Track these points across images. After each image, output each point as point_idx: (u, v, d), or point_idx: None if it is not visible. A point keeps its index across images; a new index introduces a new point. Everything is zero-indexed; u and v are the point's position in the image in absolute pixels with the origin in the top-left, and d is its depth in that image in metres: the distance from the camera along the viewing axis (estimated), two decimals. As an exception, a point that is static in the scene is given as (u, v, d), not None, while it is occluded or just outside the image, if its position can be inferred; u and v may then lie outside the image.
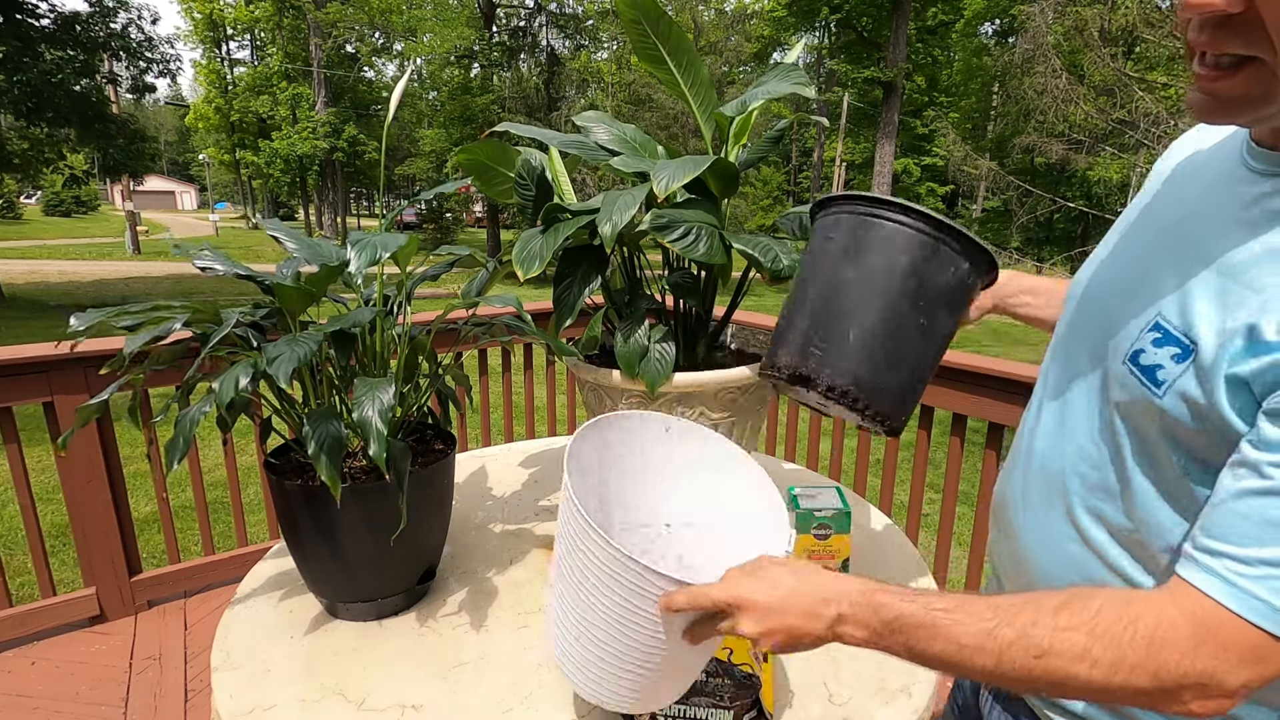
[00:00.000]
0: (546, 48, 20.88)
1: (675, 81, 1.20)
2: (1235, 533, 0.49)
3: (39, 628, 2.02)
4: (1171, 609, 0.50)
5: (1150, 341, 0.56)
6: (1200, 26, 0.50)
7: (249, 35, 29.13)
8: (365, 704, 0.82)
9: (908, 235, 0.79)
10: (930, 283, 0.79)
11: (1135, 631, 0.49)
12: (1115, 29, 8.02)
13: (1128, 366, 0.58)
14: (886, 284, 0.79)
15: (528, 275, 1.03)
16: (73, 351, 1.87)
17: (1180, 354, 0.54)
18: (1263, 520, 0.47)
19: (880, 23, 18.10)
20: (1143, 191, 0.73)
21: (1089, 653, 0.49)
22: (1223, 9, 0.47)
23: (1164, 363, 0.55)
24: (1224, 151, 0.62)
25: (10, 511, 3.85)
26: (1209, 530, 0.51)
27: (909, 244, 0.79)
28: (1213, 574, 0.49)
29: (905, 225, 0.79)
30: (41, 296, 12.56)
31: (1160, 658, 0.48)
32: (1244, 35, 0.48)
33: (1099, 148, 9.89)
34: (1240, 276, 0.52)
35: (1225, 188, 0.58)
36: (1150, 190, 0.71)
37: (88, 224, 34.14)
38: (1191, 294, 0.55)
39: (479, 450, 1.62)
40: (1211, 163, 0.63)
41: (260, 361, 0.81)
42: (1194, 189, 0.63)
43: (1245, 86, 0.49)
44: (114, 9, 12.71)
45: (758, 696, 0.78)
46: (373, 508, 0.92)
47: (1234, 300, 0.52)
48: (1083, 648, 0.49)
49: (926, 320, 0.80)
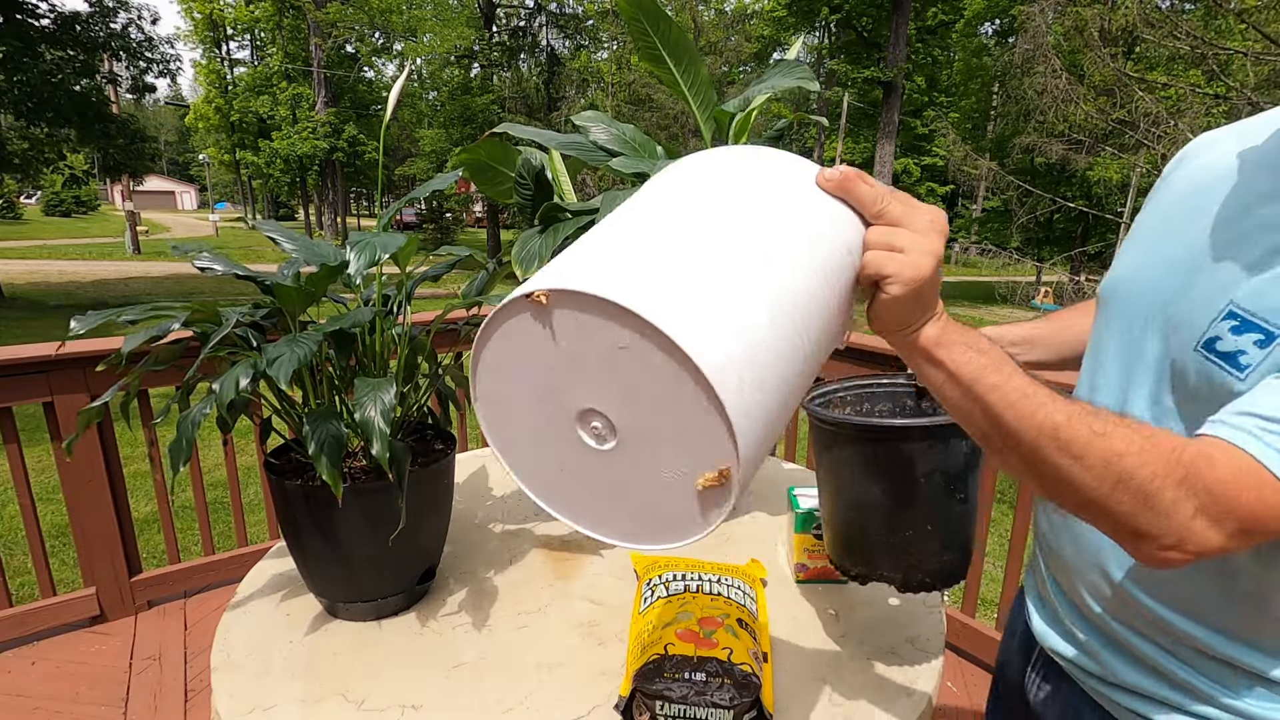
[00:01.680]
0: (546, 48, 20.89)
1: (675, 81, 1.20)
2: (1264, 404, 0.53)
3: (39, 628, 2.02)
4: (1214, 451, 0.52)
5: (1228, 330, 0.58)
6: None
7: (249, 35, 29.14)
8: (365, 704, 0.82)
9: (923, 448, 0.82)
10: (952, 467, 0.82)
11: (1183, 451, 0.52)
12: (1115, 29, 8.01)
13: (1200, 354, 0.60)
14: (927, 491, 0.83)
15: (527, 275, 1.03)
16: (72, 352, 1.87)
17: (1264, 339, 0.55)
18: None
19: (880, 23, 18.12)
20: (1162, 196, 0.75)
21: (1143, 450, 0.52)
22: None
23: (1246, 348, 0.56)
24: (1271, 150, 0.64)
25: (10, 511, 3.85)
26: (1237, 405, 0.54)
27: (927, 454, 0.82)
28: (1241, 430, 0.52)
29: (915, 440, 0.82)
30: (42, 296, 12.57)
31: (1195, 470, 0.51)
32: None
33: (1099, 148, 9.89)
34: None
35: (1273, 181, 0.61)
36: (1180, 192, 0.72)
37: (88, 224, 34.13)
38: (1267, 282, 0.57)
39: (479, 450, 1.62)
40: (1262, 161, 0.64)
41: (260, 362, 0.81)
42: (1247, 184, 0.64)
43: None
44: (114, 9, 12.72)
45: (758, 696, 0.78)
46: (373, 508, 0.92)
47: None
48: (1139, 445, 0.52)
49: (964, 494, 0.84)
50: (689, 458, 0.47)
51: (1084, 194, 17.98)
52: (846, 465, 0.86)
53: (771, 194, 0.54)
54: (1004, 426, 0.54)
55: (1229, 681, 0.63)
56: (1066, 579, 0.76)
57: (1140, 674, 0.68)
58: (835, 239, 0.53)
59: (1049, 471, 0.54)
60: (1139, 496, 0.51)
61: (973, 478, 0.84)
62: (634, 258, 0.47)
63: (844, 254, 0.53)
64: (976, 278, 22.01)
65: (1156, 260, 0.70)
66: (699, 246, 0.48)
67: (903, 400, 0.98)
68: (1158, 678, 0.67)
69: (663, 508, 0.51)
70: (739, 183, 0.54)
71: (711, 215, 0.51)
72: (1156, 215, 0.74)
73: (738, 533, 1.26)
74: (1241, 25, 7.21)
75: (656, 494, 0.50)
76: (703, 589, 0.94)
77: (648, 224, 0.51)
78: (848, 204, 0.55)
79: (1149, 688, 0.67)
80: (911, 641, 0.94)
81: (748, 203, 0.52)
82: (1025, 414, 0.53)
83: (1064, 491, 0.54)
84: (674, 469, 0.48)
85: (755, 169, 0.56)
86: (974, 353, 0.55)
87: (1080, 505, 0.54)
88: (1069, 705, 0.75)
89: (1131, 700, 0.69)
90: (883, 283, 0.53)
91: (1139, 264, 0.72)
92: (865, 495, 0.85)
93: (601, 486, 0.53)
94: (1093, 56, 7.89)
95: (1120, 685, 0.69)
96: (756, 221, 0.51)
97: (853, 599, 1.04)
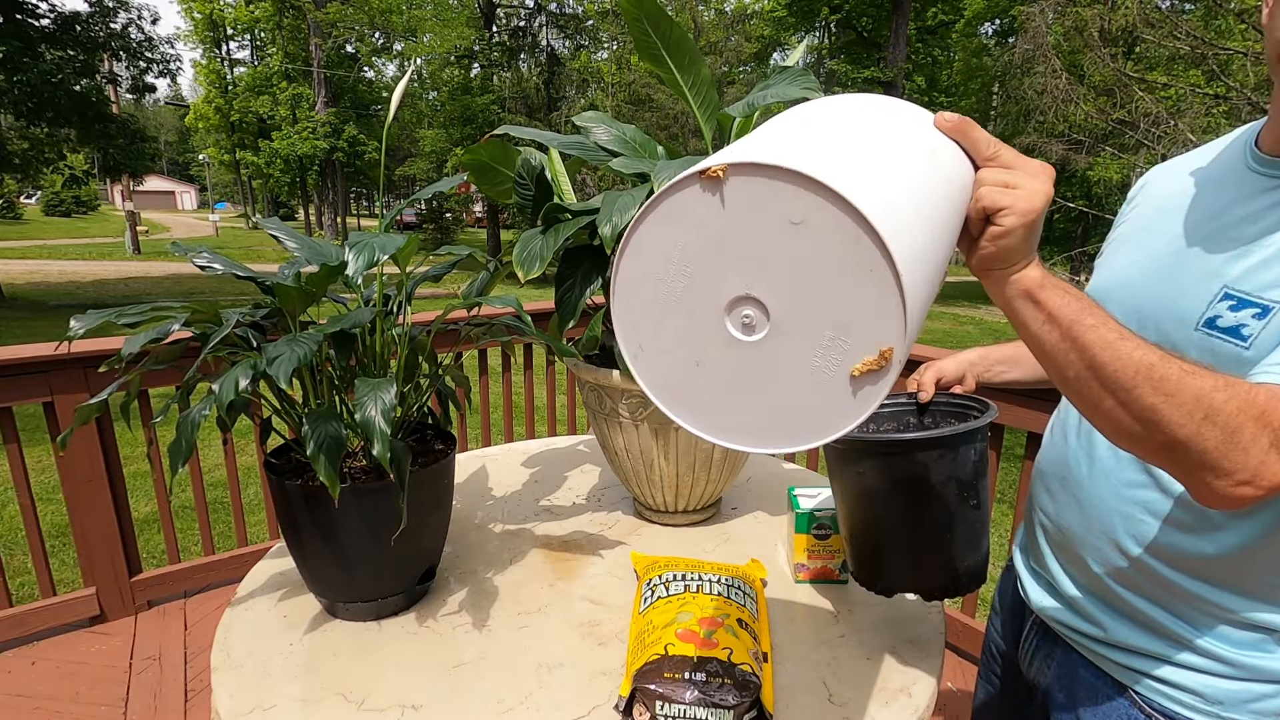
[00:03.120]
0: (546, 48, 20.89)
1: (676, 81, 1.20)
2: None
3: (39, 628, 2.02)
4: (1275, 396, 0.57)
5: (1226, 309, 0.66)
6: None
7: (249, 35, 29.12)
8: (365, 704, 0.82)
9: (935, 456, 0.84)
10: (963, 475, 0.84)
11: (1257, 392, 0.56)
12: (1115, 29, 8.00)
13: (1203, 332, 0.67)
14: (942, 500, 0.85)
15: (528, 276, 1.03)
16: (72, 352, 1.88)
17: (1260, 312, 0.63)
18: None
19: (880, 23, 18.11)
20: (1133, 213, 0.85)
21: (1227, 387, 0.56)
22: None
23: (1246, 321, 0.64)
24: (1226, 165, 0.75)
25: (10, 511, 3.85)
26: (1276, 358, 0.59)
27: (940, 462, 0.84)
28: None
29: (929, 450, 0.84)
30: (42, 296, 12.56)
31: (1271, 408, 0.55)
32: None
33: (1099, 148, 9.88)
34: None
35: (1235, 189, 0.72)
36: (1148, 210, 0.82)
37: (88, 224, 34.12)
38: (1255, 266, 0.65)
39: (479, 450, 1.62)
40: (1221, 173, 0.75)
41: (260, 362, 0.81)
42: (1212, 194, 0.75)
43: None
44: (114, 9, 12.72)
45: (758, 696, 0.78)
46: (373, 508, 0.92)
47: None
48: (1223, 383, 0.56)
49: (976, 500, 0.86)
50: (851, 340, 0.47)
51: (1084, 194, 17.97)
52: (861, 481, 0.88)
53: (905, 118, 0.59)
54: (1101, 366, 0.57)
55: (1212, 628, 0.70)
56: (1069, 550, 0.82)
57: (1133, 630, 0.75)
58: (957, 165, 0.58)
59: (1142, 411, 0.56)
60: (1225, 432, 0.54)
61: (983, 483, 0.86)
62: (800, 147, 0.49)
63: (960, 184, 0.57)
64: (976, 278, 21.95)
65: (1145, 263, 0.78)
66: (855, 145, 0.51)
67: (905, 419, 1.00)
68: (1149, 632, 0.74)
69: (806, 401, 0.50)
70: (876, 110, 0.59)
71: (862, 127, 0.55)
72: (1132, 227, 0.83)
73: (738, 533, 1.26)
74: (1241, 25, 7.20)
75: (802, 386, 0.50)
76: (703, 589, 0.94)
77: (801, 131, 0.53)
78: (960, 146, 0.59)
79: (1141, 644, 0.74)
80: (911, 641, 0.94)
81: (889, 122, 0.57)
82: (1124, 353, 0.56)
83: (1153, 430, 0.57)
84: (829, 355, 0.48)
85: (884, 104, 0.60)
86: (1071, 297, 0.59)
87: (1165, 445, 0.57)
88: (1064, 667, 0.82)
89: (1126, 657, 0.76)
90: (997, 215, 0.57)
91: (1128, 268, 0.80)
92: (883, 510, 0.87)
93: (739, 382, 0.52)
94: (1093, 56, 7.88)
95: (1115, 644, 0.76)
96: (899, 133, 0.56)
97: (853, 599, 1.05)
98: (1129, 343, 0.57)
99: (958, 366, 1.01)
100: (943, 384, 1.00)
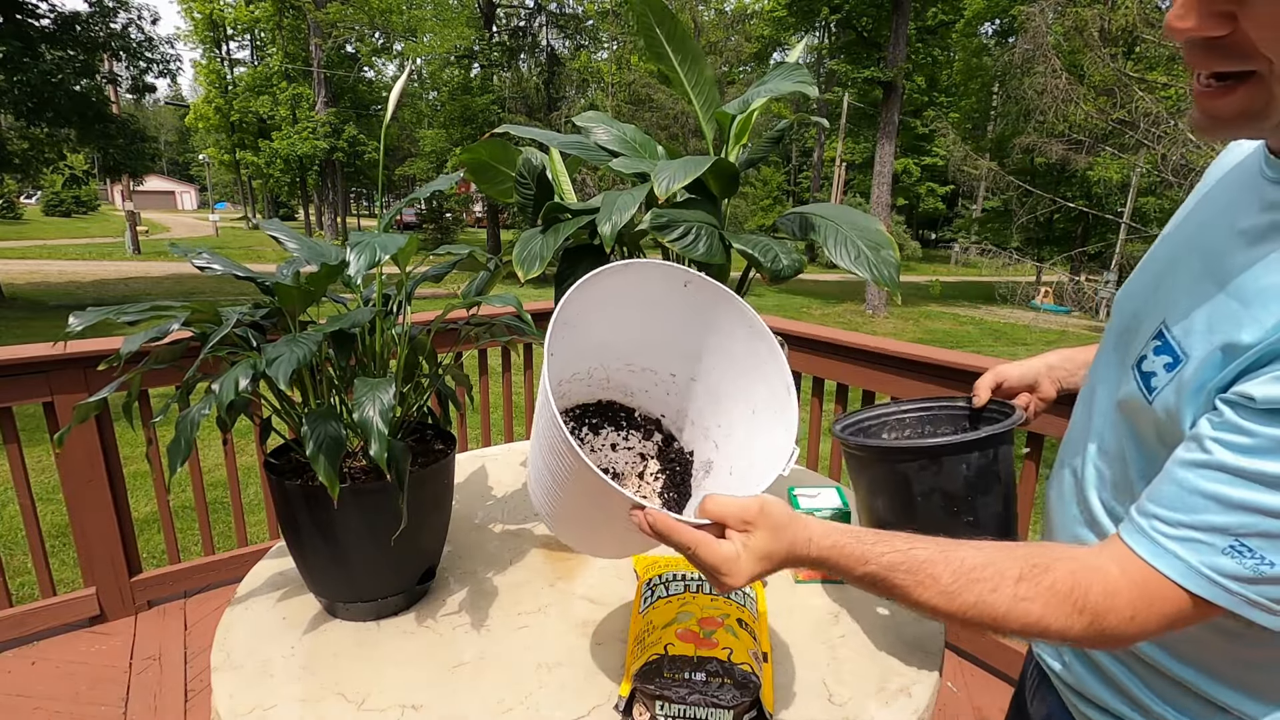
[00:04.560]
0: (546, 48, 20.90)
1: (679, 79, 1.20)
2: (1167, 498, 0.53)
3: (39, 628, 2.02)
4: (1114, 571, 0.54)
5: (1153, 349, 0.58)
6: (1190, 47, 0.50)
7: (249, 35, 29.14)
8: (365, 704, 0.82)
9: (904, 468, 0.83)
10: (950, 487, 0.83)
11: (1086, 601, 0.54)
12: (1115, 29, 8.00)
13: (1134, 371, 0.60)
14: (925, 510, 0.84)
15: (528, 276, 1.03)
16: (72, 351, 1.87)
17: (1171, 363, 0.56)
18: (1192, 489, 0.52)
19: (880, 23, 18.09)
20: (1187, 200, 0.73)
21: (1042, 620, 0.55)
22: (1203, 34, 0.47)
23: (1157, 370, 0.57)
24: (1249, 159, 0.61)
25: (10, 511, 3.85)
26: (1150, 494, 0.55)
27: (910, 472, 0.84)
28: (1143, 534, 0.54)
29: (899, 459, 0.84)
30: (41, 296, 12.56)
31: (1103, 621, 0.54)
32: (1235, 54, 0.48)
33: (1099, 148, 9.88)
34: (1235, 290, 0.53)
35: (1242, 196, 0.59)
36: (1192, 199, 0.70)
37: (88, 224, 34.12)
38: (1195, 305, 0.56)
39: (479, 450, 1.62)
40: (1237, 172, 0.62)
41: (260, 362, 0.81)
42: (1218, 198, 0.63)
43: (1243, 103, 0.49)
44: (114, 9, 12.72)
45: (758, 696, 0.78)
46: (373, 508, 0.92)
47: (1224, 314, 0.53)
48: (1037, 616, 0.55)
49: (972, 516, 0.84)
50: None
51: (1084, 194, 17.99)
52: (860, 485, 0.88)
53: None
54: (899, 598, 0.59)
55: (1174, 701, 0.64)
56: None
57: (1102, 686, 0.71)
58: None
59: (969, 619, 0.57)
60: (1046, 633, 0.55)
61: (982, 500, 0.83)
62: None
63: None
64: (976, 278, 22.00)
65: (1140, 272, 0.71)
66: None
67: (961, 423, 0.98)
68: (1116, 692, 0.69)
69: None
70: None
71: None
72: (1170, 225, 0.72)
73: (738, 533, 1.26)
74: (1241, 25, 7.19)
75: None
76: (703, 589, 0.94)
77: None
78: None
79: (1109, 701, 0.70)
80: (911, 641, 0.94)
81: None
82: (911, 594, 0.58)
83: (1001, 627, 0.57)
84: None
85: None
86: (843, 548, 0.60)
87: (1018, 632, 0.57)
88: (1052, 714, 0.79)
89: (1096, 713, 0.72)
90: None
91: (1134, 274, 0.72)
92: (878, 516, 0.86)
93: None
94: (1093, 56, 7.88)
95: (1088, 697, 0.73)
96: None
97: (853, 599, 1.04)
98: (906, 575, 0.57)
99: (1026, 372, 0.95)
100: (1004, 389, 0.95)
